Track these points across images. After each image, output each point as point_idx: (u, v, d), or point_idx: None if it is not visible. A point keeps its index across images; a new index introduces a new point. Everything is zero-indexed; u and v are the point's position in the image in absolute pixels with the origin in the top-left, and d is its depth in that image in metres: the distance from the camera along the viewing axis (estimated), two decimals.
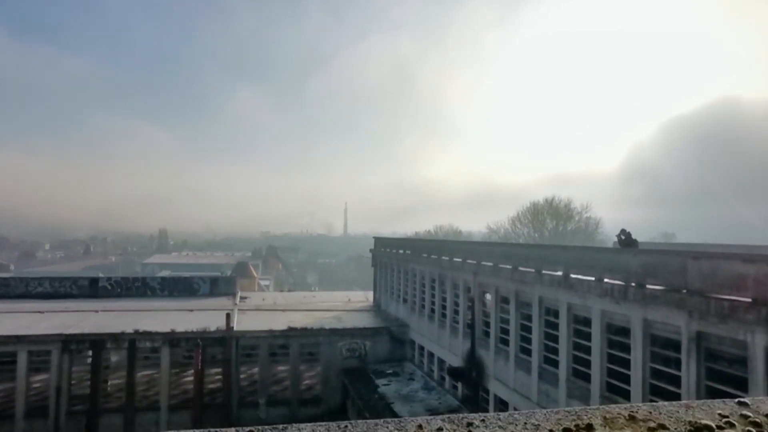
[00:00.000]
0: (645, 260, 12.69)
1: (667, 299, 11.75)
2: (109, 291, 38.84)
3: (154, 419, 26.42)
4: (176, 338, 26.86)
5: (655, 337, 12.46)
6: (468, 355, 21.93)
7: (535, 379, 17.13)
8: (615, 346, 13.79)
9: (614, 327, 13.81)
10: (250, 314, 32.86)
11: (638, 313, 12.70)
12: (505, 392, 19.02)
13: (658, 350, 12.39)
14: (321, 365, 28.75)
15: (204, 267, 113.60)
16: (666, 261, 12.02)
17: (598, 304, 14.13)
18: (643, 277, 12.63)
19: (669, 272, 11.87)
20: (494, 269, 19.69)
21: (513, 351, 18.61)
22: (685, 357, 11.42)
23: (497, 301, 19.85)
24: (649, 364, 12.60)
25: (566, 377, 15.59)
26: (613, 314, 13.68)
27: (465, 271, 22.36)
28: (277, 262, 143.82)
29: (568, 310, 15.53)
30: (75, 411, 25.71)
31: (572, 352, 15.50)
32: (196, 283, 40.70)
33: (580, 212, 70.02)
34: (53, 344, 25.63)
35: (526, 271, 17.59)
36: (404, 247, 32.08)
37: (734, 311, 10.15)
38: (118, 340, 26.50)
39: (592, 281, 14.28)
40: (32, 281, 38.62)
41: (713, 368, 10.97)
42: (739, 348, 10.26)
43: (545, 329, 16.80)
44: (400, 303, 31.64)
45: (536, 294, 17.06)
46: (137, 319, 29.04)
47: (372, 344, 29.46)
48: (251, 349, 28.07)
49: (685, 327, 11.40)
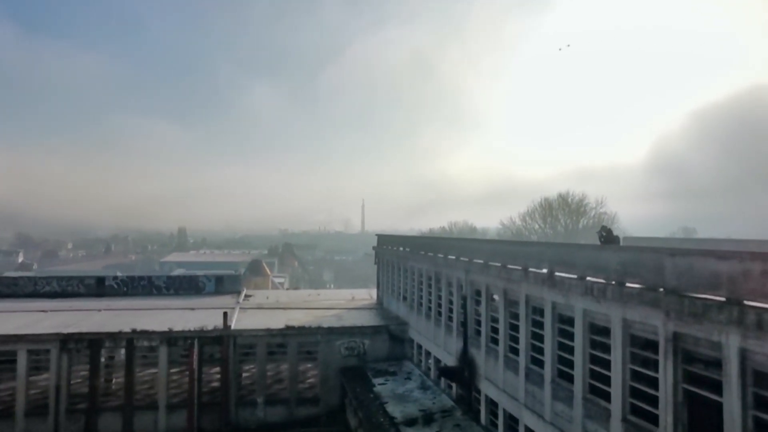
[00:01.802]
0: (624, 258, 12.18)
1: (644, 298, 11.25)
2: (115, 290, 39.23)
3: (152, 418, 26.50)
4: (174, 337, 26.89)
5: (635, 338, 11.95)
6: (461, 355, 21.53)
7: (522, 380, 16.69)
8: (597, 347, 13.30)
9: (596, 327, 13.32)
10: (251, 312, 32.83)
11: (618, 313, 12.20)
12: (495, 393, 18.59)
13: (638, 351, 11.89)
14: (319, 364, 28.57)
15: (220, 265, 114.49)
16: (643, 258, 11.51)
17: (581, 303, 13.64)
18: (622, 275, 12.13)
19: (647, 270, 11.36)
20: (484, 267, 19.26)
21: (502, 351, 18.18)
22: (662, 359, 10.91)
23: (487, 299, 19.41)
24: (629, 366, 12.10)
25: (551, 378, 15.13)
26: (595, 314, 13.19)
27: (457, 268, 21.95)
28: (293, 259, 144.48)
29: (552, 309, 15.06)
30: (74, 410, 25.90)
31: (557, 352, 15.03)
32: (202, 282, 40.88)
33: (594, 207, 69.04)
34: (52, 343, 25.84)
35: (513, 268, 17.14)
36: (404, 244, 31.74)
37: (707, 311, 9.64)
38: (116, 340, 26.63)
39: (575, 279, 13.80)
40: (40, 280, 39.16)
41: (690, 371, 10.45)
42: (715, 349, 9.74)
43: (532, 328, 16.34)
44: (400, 301, 31.33)
45: (523, 292, 16.60)
46: (137, 318, 29.19)
47: (371, 343, 29.20)
48: (249, 348, 27.99)
49: (662, 327, 10.89)
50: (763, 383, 8.94)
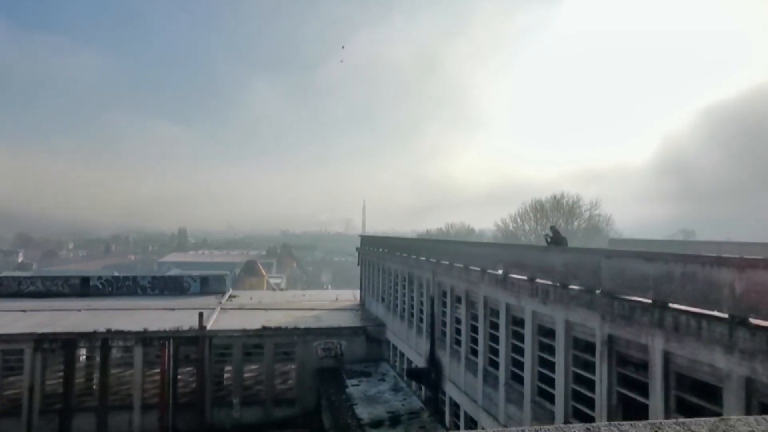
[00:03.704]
0: (567, 259, 12.07)
1: (582, 300, 11.15)
2: (100, 290, 39.19)
3: (127, 418, 26.42)
4: (149, 337, 26.81)
5: (577, 340, 11.85)
6: (429, 356, 21.43)
7: (480, 382, 16.58)
8: (545, 349, 13.20)
9: (544, 329, 13.21)
10: (231, 313, 32.76)
11: (561, 315, 12.10)
12: (458, 395, 18.49)
13: (580, 354, 11.78)
14: (296, 365, 28.45)
15: (218, 265, 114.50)
16: (583, 260, 11.40)
17: (530, 305, 13.54)
18: (565, 277, 12.02)
19: (586, 272, 11.25)
20: (448, 268, 19.16)
21: (464, 352, 18.08)
22: (598, 361, 10.81)
23: (452, 300, 19.32)
24: (571, 369, 12.00)
25: (505, 380, 15.02)
26: (543, 315, 13.09)
27: (426, 269, 21.86)
28: (291, 260, 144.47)
29: (506, 311, 14.96)
30: (48, 410, 25.81)
31: (511, 354, 14.92)
32: (187, 282, 40.84)
33: (589, 209, 68.68)
34: (26, 343, 25.78)
35: (473, 270, 17.04)
36: (383, 245, 31.65)
37: (634, 313, 9.53)
38: (91, 340, 26.57)
39: (525, 281, 13.69)
40: (24, 280, 39.18)
41: (623, 373, 10.34)
42: (643, 352, 9.63)
43: (489, 330, 16.24)
44: (379, 302, 31.24)
45: (481, 294, 16.50)
46: (115, 318, 29.14)
47: (348, 344, 29.08)
48: (225, 349, 27.90)
49: (598, 329, 10.78)
50: (684, 386, 8.83)
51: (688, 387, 8.77)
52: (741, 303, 7.49)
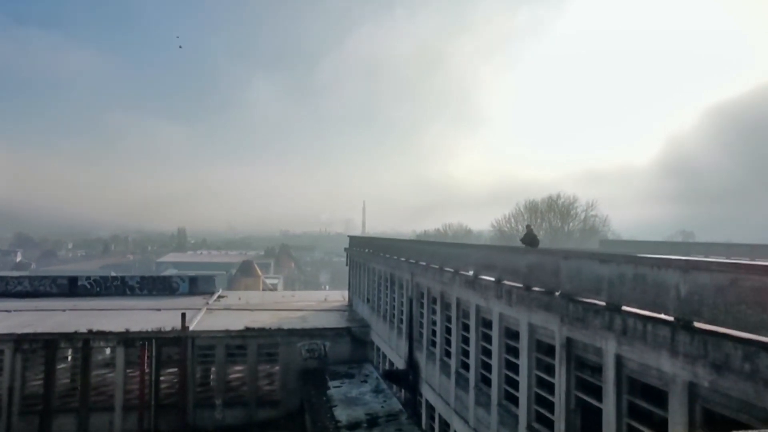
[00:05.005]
0: (530, 261, 11.86)
1: (542, 302, 10.95)
2: (87, 290, 39.08)
3: (108, 420, 26.25)
4: (131, 338, 26.64)
5: (540, 343, 11.64)
6: (407, 358, 21.24)
7: (453, 384, 16.39)
8: (510, 352, 12.99)
9: (510, 331, 13.00)
10: (217, 314, 32.60)
11: (524, 317, 11.89)
12: (433, 397, 18.30)
13: (542, 357, 11.57)
14: (280, 366, 28.27)
15: (216, 266, 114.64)
16: (544, 261, 11.19)
17: (497, 306, 13.34)
18: (529, 279, 11.82)
19: (546, 273, 11.05)
20: (425, 269, 18.98)
21: (439, 354, 17.88)
22: (557, 364, 10.60)
23: (429, 302, 19.12)
24: (534, 372, 11.79)
25: (475, 383, 14.83)
26: (508, 317, 12.88)
27: (406, 270, 21.67)
28: (289, 260, 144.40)
29: (476, 313, 14.76)
30: (28, 412, 25.66)
31: (480, 356, 14.73)
32: (176, 283, 40.72)
33: (585, 210, 68.43)
34: (6, 344, 25.63)
35: (447, 271, 16.84)
36: (368, 246, 31.46)
37: (587, 315, 9.33)
38: (72, 340, 26.42)
39: (492, 282, 13.49)
40: (12, 280, 39.08)
41: (581, 377, 10.13)
42: (598, 355, 9.42)
43: (462, 332, 16.04)
44: (365, 303, 31.06)
45: (454, 295, 16.31)
46: (99, 319, 28.98)
47: (332, 345, 28.89)
48: (208, 350, 27.72)
49: (558, 332, 10.58)
50: (636, 391, 8.62)
51: (639, 391, 8.56)
52: (685, 306, 7.29)
